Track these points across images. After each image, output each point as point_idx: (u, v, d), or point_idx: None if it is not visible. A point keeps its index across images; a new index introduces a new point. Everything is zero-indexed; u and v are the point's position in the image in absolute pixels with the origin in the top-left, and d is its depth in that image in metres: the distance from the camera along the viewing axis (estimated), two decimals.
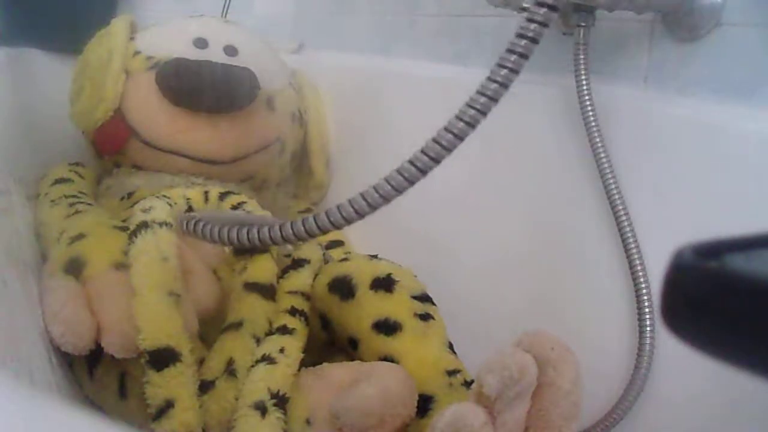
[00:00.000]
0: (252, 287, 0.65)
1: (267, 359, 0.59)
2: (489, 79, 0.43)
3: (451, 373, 0.59)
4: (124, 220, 0.67)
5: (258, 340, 0.62)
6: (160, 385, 0.55)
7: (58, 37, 0.91)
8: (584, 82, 0.65)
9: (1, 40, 0.85)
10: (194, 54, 0.82)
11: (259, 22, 1.14)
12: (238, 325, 0.63)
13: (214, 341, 0.62)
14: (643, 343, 0.60)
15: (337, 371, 0.59)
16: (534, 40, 0.42)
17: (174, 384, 0.55)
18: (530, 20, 0.42)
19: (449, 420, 0.47)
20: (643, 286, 0.61)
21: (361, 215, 0.48)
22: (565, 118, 0.71)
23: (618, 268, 0.65)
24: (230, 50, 0.85)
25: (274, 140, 0.87)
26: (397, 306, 0.63)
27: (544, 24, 0.42)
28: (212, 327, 0.64)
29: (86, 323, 0.56)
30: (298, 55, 1.10)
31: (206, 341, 0.63)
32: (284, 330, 0.62)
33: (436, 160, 0.45)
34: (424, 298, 0.66)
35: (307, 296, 0.67)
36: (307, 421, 0.56)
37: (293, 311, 0.65)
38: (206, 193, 0.75)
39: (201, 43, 0.84)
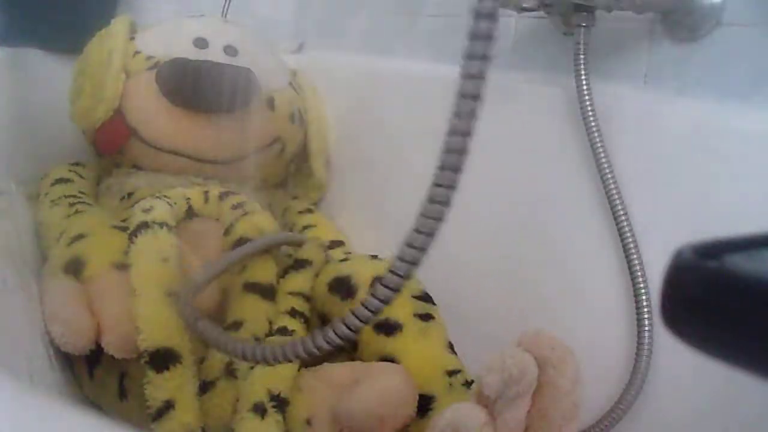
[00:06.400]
0: (252, 287, 0.65)
1: None
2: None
3: (452, 373, 0.59)
4: (124, 220, 0.67)
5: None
6: (159, 386, 0.55)
7: (58, 37, 0.91)
8: (584, 82, 0.65)
9: (1, 40, 0.85)
10: (194, 54, 0.82)
11: (259, 22, 1.14)
12: (238, 326, 0.63)
13: None
14: (642, 343, 0.60)
15: (337, 371, 0.59)
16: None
17: (174, 385, 0.55)
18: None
19: (449, 420, 0.47)
20: (642, 286, 0.61)
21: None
22: (565, 118, 0.71)
23: (617, 268, 0.65)
24: (230, 50, 0.84)
25: (274, 140, 0.87)
26: (397, 306, 0.63)
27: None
28: None
29: (86, 323, 0.57)
30: (298, 55, 1.10)
31: None
32: (284, 332, 0.62)
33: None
34: (425, 298, 0.66)
35: (307, 297, 0.67)
36: (308, 422, 0.56)
37: (293, 313, 0.65)
38: (206, 193, 0.75)
39: (201, 43, 0.84)
